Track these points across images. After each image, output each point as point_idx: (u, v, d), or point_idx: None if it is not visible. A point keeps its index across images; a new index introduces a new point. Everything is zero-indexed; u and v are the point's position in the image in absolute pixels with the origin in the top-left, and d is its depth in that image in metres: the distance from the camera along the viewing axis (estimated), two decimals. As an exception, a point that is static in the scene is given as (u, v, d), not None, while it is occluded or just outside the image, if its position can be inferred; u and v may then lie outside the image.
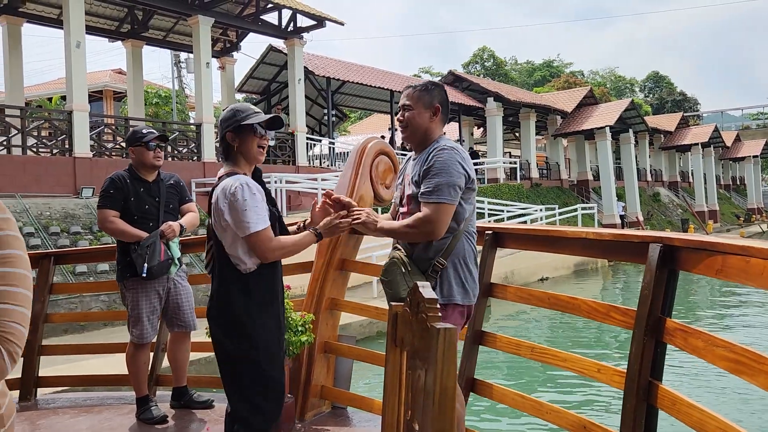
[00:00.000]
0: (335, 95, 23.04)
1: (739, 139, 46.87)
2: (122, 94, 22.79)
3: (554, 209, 21.91)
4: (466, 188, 2.46)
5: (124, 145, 12.72)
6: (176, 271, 3.72)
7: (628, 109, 28.92)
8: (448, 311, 2.46)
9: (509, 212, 20.16)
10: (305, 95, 19.03)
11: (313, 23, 17.94)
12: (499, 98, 26.05)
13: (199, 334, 3.73)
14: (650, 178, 35.79)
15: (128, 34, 17.71)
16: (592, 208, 24.45)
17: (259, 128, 2.45)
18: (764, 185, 50.45)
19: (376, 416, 3.23)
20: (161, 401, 3.83)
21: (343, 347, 3.56)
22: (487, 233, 3.01)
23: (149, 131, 3.69)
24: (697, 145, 37.14)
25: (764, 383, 1.69)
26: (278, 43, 19.72)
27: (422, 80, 2.72)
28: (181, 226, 3.70)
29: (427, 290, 1.42)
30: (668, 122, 39.30)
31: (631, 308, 2.32)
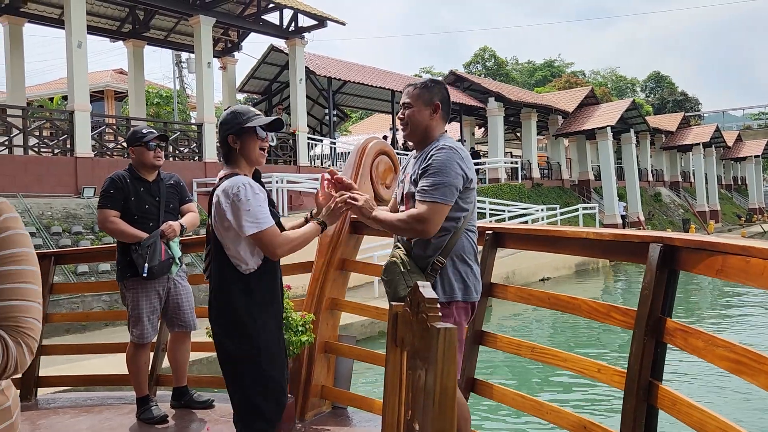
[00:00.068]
0: (336, 95, 23.03)
1: (740, 139, 46.81)
2: (123, 94, 22.80)
3: (555, 209, 21.89)
4: (464, 188, 2.45)
5: (125, 145, 12.71)
6: (177, 270, 3.73)
7: (629, 109, 28.88)
8: (451, 309, 2.44)
9: (510, 212, 20.15)
10: (306, 95, 19.03)
11: (314, 23, 17.92)
12: (500, 98, 26.03)
13: (199, 334, 3.73)
14: (651, 178, 35.75)
15: (129, 34, 17.70)
16: (593, 208, 24.41)
17: (260, 131, 2.45)
18: (766, 185, 50.35)
19: (376, 416, 3.23)
20: (161, 401, 3.83)
21: (343, 347, 3.56)
22: (487, 233, 3.01)
23: (149, 131, 3.69)
24: (698, 145, 37.12)
25: (765, 383, 1.69)
26: (279, 43, 19.71)
27: (423, 78, 2.72)
28: (181, 225, 3.71)
29: (427, 290, 1.41)
30: (669, 122, 39.26)
31: (631, 308, 2.32)
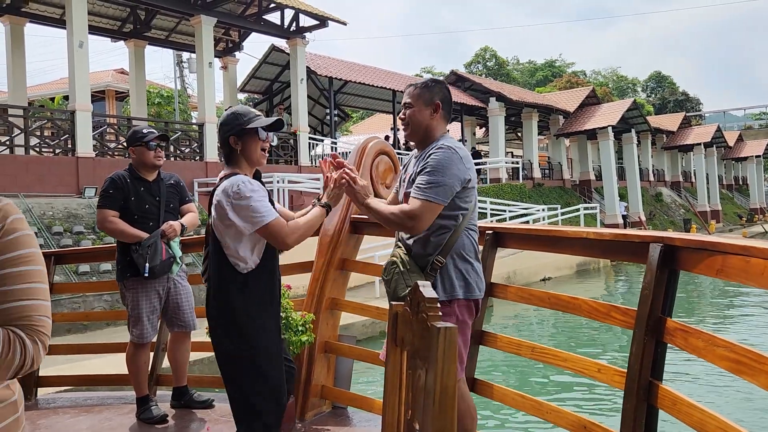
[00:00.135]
0: (337, 95, 23.02)
1: (741, 139, 46.76)
2: (125, 93, 22.80)
3: (556, 209, 21.88)
4: (463, 188, 2.44)
5: (126, 144, 12.73)
6: (178, 270, 3.73)
7: (630, 109, 28.85)
8: (453, 307, 2.43)
9: (511, 212, 20.14)
10: (307, 95, 19.03)
11: (315, 23, 17.92)
12: (501, 98, 26.02)
13: (199, 334, 3.73)
14: (653, 178, 35.73)
15: (131, 33, 17.70)
16: (594, 208, 24.41)
17: (261, 132, 2.45)
18: (767, 185, 50.28)
19: (376, 416, 3.23)
20: (161, 401, 3.83)
21: (343, 347, 3.56)
22: (487, 233, 3.00)
23: (149, 131, 3.70)
24: (699, 145, 37.09)
25: (765, 383, 1.68)
26: (281, 42, 19.70)
27: (425, 78, 2.72)
28: (182, 225, 3.72)
29: (427, 289, 1.41)
30: (670, 122, 39.22)
31: (631, 308, 2.31)
